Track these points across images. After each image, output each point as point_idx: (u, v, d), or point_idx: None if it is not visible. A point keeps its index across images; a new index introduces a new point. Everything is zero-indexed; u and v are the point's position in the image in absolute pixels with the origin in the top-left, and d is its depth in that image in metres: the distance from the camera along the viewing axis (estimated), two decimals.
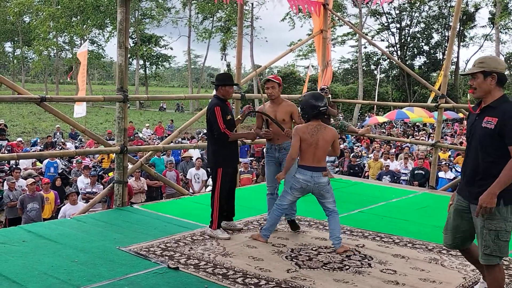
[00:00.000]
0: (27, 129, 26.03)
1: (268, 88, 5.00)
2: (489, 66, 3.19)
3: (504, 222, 3.10)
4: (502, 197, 3.06)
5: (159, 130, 23.38)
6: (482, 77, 3.19)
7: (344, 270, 4.06)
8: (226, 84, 4.93)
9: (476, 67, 3.23)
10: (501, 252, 3.14)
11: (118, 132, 6.21)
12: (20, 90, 5.83)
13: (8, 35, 51.57)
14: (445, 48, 39.21)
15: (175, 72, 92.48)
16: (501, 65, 3.22)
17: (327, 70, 9.11)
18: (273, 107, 5.08)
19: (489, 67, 3.18)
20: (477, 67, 3.23)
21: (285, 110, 5.07)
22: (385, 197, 7.12)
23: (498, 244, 3.12)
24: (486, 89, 3.20)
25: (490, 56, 3.37)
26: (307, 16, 36.84)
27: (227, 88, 4.93)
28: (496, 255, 3.14)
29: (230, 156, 4.95)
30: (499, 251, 3.13)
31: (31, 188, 8.55)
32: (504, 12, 33.22)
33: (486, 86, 3.19)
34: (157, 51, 47.73)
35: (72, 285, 3.65)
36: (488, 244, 3.14)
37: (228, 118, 4.86)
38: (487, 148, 3.14)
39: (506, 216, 3.10)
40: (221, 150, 4.88)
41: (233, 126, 4.97)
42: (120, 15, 6.07)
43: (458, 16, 8.56)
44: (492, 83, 3.18)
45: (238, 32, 8.13)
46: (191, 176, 11.46)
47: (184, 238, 4.82)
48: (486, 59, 3.26)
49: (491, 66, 3.19)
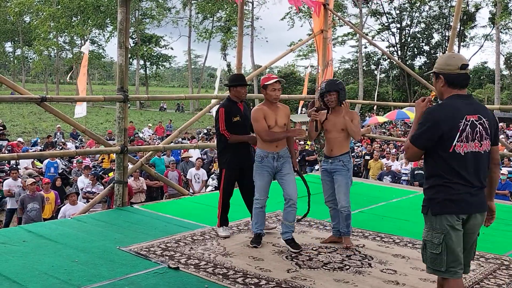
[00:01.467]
0: (28, 129, 26.04)
1: (275, 89, 4.49)
2: (437, 67, 2.93)
3: (431, 232, 2.87)
4: (429, 207, 2.87)
5: (159, 130, 23.39)
6: (434, 78, 2.96)
7: (344, 270, 4.06)
8: (237, 84, 4.87)
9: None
10: (432, 264, 2.88)
11: (119, 132, 6.21)
12: (21, 90, 5.83)
13: (9, 35, 51.62)
14: (446, 48, 39.21)
15: (175, 72, 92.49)
16: (449, 65, 2.89)
17: (327, 70, 9.11)
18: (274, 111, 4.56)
19: (437, 68, 2.93)
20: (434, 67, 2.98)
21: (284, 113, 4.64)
22: (385, 197, 7.12)
23: (426, 255, 2.91)
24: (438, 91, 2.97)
25: (443, 55, 3.08)
26: (307, 15, 36.88)
27: (238, 89, 4.86)
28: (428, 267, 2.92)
29: (233, 158, 4.86)
30: (429, 262, 2.90)
31: (31, 188, 8.55)
32: (504, 12, 33.21)
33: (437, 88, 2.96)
34: (158, 51, 47.81)
35: (72, 285, 3.65)
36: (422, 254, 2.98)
37: (234, 120, 4.78)
38: None
39: (433, 226, 2.86)
40: (225, 151, 4.88)
41: (242, 127, 4.85)
42: (121, 15, 6.07)
43: (458, 16, 8.56)
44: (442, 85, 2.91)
45: (238, 32, 8.13)
46: (191, 176, 11.46)
47: (184, 238, 4.82)
48: (438, 59, 3.00)
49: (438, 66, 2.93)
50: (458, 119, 2.79)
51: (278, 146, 4.54)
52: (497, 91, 34.33)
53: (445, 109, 2.82)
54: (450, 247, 2.80)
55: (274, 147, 4.53)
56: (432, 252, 2.85)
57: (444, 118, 2.78)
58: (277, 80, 4.48)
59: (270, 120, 4.49)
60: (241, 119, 4.84)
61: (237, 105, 4.89)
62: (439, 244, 2.81)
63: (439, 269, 2.84)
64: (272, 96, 4.49)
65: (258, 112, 4.51)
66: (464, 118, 2.79)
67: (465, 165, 2.80)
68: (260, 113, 4.51)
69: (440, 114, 2.80)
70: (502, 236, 5.21)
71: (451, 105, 2.83)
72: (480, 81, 49.49)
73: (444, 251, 2.81)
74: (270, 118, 4.49)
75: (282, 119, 4.58)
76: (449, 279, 2.85)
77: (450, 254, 2.81)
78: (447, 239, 2.80)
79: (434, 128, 2.79)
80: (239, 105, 4.91)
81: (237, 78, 5.00)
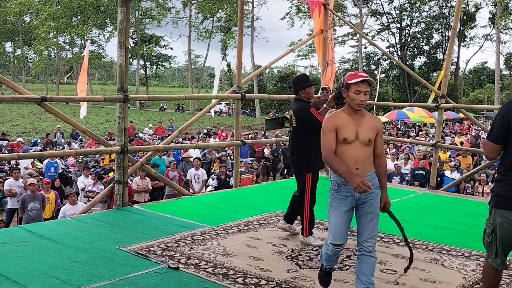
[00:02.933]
0: (28, 129, 26.04)
1: (360, 92, 3.28)
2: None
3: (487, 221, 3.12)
4: (491, 199, 3.06)
5: (159, 130, 23.39)
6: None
7: (344, 270, 4.06)
8: (306, 86, 4.82)
9: None
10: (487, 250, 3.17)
11: (119, 132, 6.21)
12: (21, 90, 5.83)
13: (9, 35, 51.62)
14: (446, 48, 39.21)
15: (175, 72, 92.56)
16: None
17: (328, 70, 9.11)
18: (357, 120, 3.37)
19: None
20: None
21: (371, 126, 3.43)
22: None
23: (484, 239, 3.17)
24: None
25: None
26: (307, 15, 36.88)
27: (308, 90, 4.82)
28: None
29: (317, 160, 4.49)
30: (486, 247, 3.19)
31: (32, 188, 8.55)
32: (504, 12, 33.23)
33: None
34: (158, 51, 47.86)
35: (72, 285, 3.65)
36: None
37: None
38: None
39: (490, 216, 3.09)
40: (308, 154, 4.72)
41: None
42: (121, 15, 6.06)
43: (458, 16, 8.56)
44: None
45: (238, 32, 8.13)
46: (191, 176, 11.47)
47: (185, 238, 4.82)
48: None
49: None
50: None
51: (360, 168, 3.27)
52: (497, 91, 34.35)
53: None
54: (499, 239, 2.97)
55: (355, 170, 3.25)
56: (486, 240, 3.08)
57: (510, 111, 2.85)
58: (365, 79, 3.28)
59: (348, 132, 3.28)
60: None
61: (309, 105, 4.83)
62: (490, 234, 3.03)
63: (490, 255, 3.07)
64: (355, 101, 3.28)
65: (329, 121, 3.33)
66: None
67: None
68: (332, 122, 3.31)
69: (508, 107, 2.88)
70: None
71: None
72: (480, 81, 49.51)
73: (494, 240, 3.00)
74: (348, 129, 3.28)
75: (366, 133, 3.30)
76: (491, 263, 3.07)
77: (501, 244, 2.98)
78: (496, 231, 2.97)
79: (504, 120, 2.87)
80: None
81: (306, 80, 4.91)
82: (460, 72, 45.56)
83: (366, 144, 3.30)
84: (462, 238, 5.10)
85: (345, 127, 3.30)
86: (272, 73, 60.53)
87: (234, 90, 7.93)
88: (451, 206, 6.72)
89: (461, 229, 5.41)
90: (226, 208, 6.19)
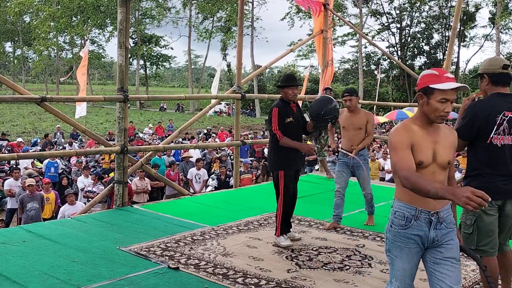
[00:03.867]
0: (28, 129, 26.04)
1: (446, 101, 2.46)
2: (482, 68, 3.31)
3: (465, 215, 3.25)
4: None
5: (159, 130, 23.39)
6: (480, 79, 3.31)
7: (344, 270, 4.06)
8: (285, 85, 4.69)
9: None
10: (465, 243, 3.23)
11: (119, 132, 6.21)
12: (21, 90, 5.83)
13: (9, 35, 51.60)
14: (446, 48, 39.22)
15: (175, 72, 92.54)
16: (492, 65, 3.26)
17: (327, 70, 9.12)
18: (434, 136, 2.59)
19: (481, 69, 3.31)
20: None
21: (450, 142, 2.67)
22: (386, 197, 7.11)
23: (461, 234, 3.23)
24: (482, 90, 3.33)
25: (485, 59, 3.42)
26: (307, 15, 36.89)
27: (286, 90, 4.68)
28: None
29: (289, 158, 4.64)
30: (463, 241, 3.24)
31: (30, 188, 8.55)
32: (504, 12, 33.23)
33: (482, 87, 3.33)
34: (158, 51, 47.83)
35: (72, 285, 3.65)
36: None
37: (287, 121, 4.60)
38: None
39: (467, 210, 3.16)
40: (279, 152, 4.66)
41: (295, 130, 4.68)
42: (121, 15, 6.07)
43: (458, 16, 8.56)
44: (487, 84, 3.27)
45: (238, 32, 8.13)
46: (192, 176, 11.47)
47: (184, 238, 4.82)
48: (482, 63, 3.38)
49: (483, 68, 3.31)
50: (496, 114, 3.11)
51: (439, 201, 2.46)
52: None
53: (484, 104, 3.19)
54: (480, 229, 3.14)
55: (432, 203, 2.49)
56: (465, 232, 3.21)
57: (481, 112, 3.12)
58: (458, 87, 2.45)
59: (424, 152, 2.50)
60: (294, 120, 4.66)
61: (290, 105, 4.72)
62: (471, 225, 3.17)
63: (470, 247, 3.12)
64: (438, 112, 2.48)
65: (401, 134, 2.51)
66: (502, 114, 3.11)
67: (500, 156, 3.12)
68: (405, 136, 2.50)
69: (478, 108, 3.15)
70: None
71: (490, 101, 3.18)
72: None
73: (475, 231, 3.16)
74: (424, 149, 2.51)
75: (445, 153, 2.55)
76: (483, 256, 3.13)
77: (480, 235, 3.15)
78: (478, 222, 3.14)
79: (473, 121, 3.13)
80: (291, 106, 4.73)
81: (286, 80, 4.76)
82: (460, 72, 45.57)
83: (444, 168, 2.55)
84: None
85: (421, 145, 2.49)
86: (272, 73, 60.51)
87: (234, 90, 7.93)
88: None
89: None
90: (226, 208, 6.19)
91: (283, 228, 4.71)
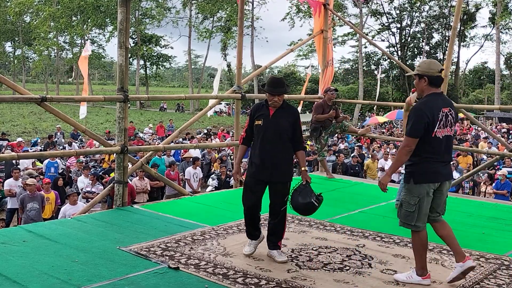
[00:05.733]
0: (28, 129, 26.05)
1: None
2: (422, 70, 3.72)
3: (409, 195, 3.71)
4: (412, 177, 3.68)
5: (160, 130, 23.38)
6: (418, 78, 3.75)
7: (344, 271, 4.06)
8: (265, 90, 4.29)
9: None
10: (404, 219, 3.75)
11: (119, 132, 6.21)
12: (21, 90, 5.83)
13: (9, 35, 51.64)
14: (446, 48, 39.23)
15: (175, 72, 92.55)
16: (431, 68, 3.68)
17: (327, 70, 9.11)
18: None
19: (421, 70, 3.71)
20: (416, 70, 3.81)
21: None
22: (386, 197, 7.09)
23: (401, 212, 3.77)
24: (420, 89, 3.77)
25: (425, 60, 3.91)
26: (307, 15, 36.87)
27: (266, 94, 4.31)
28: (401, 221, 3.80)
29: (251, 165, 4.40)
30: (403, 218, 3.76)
31: (30, 188, 8.55)
32: (504, 12, 33.23)
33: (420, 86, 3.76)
34: (158, 51, 47.83)
35: (72, 285, 3.65)
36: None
37: (256, 123, 4.32)
38: None
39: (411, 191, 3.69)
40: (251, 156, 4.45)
41: (263, 135, 4.28)
42: (121, 15, 6.06)
43: (458, 16, 8.55)
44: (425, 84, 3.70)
45: (238, 32, 8.13)
46: (190, 176, 11.51)
47: (185, 238, 4.82)
48: (421, 63, 3.85)
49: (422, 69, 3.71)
50: (437, 111, 3.63)
51: None
52: (497, 91, 34.35)
53: (428, 104, 3.65)
54: (421, 208, 3.67)
55: None
56: (407, 210, 3.72)
57: (428, 111, 3.60)
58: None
59: None
60: (263, 125, 4.29)
61: (267, 108, 4.34)
62: (414, 205, 3.68)
63: (409, 223, 3.72)
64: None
65: None
66: (441, 110, 3.64)
67: (441, 145, 3.66)
68: None
69: (425, 109, 3.62)
70: (502, 236, 5.21)
71: (431, 101, 3.67)
72: (480, 81, 49.47)
73: (417, 210, 3.68)
74: None
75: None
76: (416, 231, 3.73)
77: (420, 213, 3.68)
78: (421, 202, 3.66)
79: (423, 119, 3.59)
80: (269, 109, 4.33)
81: (267, 83, 4.34)
82: (460, 72, 45.58)
83: None
84: (461, 238, 5.07)
85: None
86: (272, 73, 60.54)
87: (234, 90, 7.93)
88: (451, 206, 6.64)
89: (461, 229, 5.40)
90: (226, 208, 6.19)
91: (247, 233, 4.47)
